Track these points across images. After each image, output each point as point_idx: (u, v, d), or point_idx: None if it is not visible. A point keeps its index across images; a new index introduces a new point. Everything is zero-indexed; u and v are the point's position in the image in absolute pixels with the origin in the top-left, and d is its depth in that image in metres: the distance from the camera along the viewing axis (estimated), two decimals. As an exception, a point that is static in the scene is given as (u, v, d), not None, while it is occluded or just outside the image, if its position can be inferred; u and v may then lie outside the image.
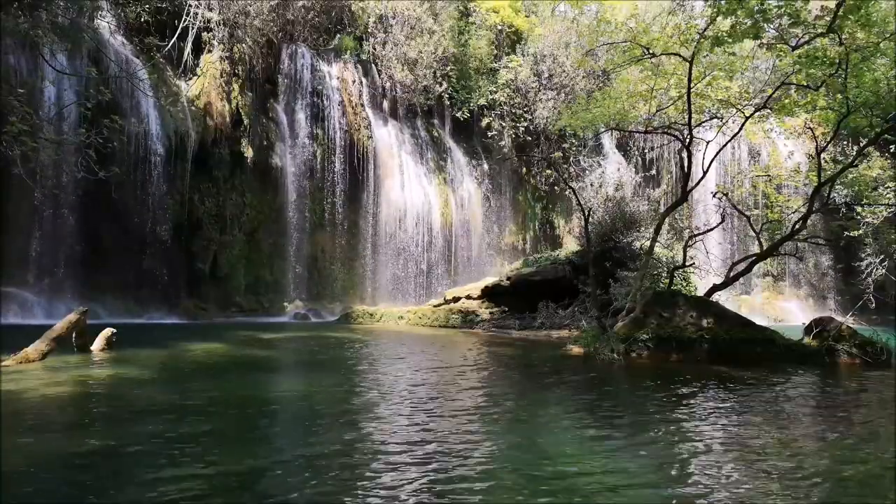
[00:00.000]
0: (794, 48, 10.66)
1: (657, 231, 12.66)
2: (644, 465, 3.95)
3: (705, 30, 10.72)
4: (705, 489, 3.53)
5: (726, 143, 13.09)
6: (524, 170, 26.80)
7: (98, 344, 8.81)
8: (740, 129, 12.77)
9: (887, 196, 16.02)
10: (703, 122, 12.91)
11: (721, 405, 6.13)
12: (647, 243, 13.35)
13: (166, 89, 18.05)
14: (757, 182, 23.84)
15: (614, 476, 3.73)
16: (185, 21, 18.52)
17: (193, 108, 18.54)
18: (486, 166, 25.89)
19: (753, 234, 13.36)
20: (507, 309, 16.58)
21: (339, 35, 22.93)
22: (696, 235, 13.79)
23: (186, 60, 18.96)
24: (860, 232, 17.61)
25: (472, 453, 4.11)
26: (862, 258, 20.11)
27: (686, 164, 12.62)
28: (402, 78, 23.41)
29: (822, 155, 12.03)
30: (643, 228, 16.70)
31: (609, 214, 17.41)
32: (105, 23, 17.24)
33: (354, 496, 3.31)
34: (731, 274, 12.13)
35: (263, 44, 20.58)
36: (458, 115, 24.90)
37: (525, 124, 25.63)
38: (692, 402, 6.29)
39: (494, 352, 10.79)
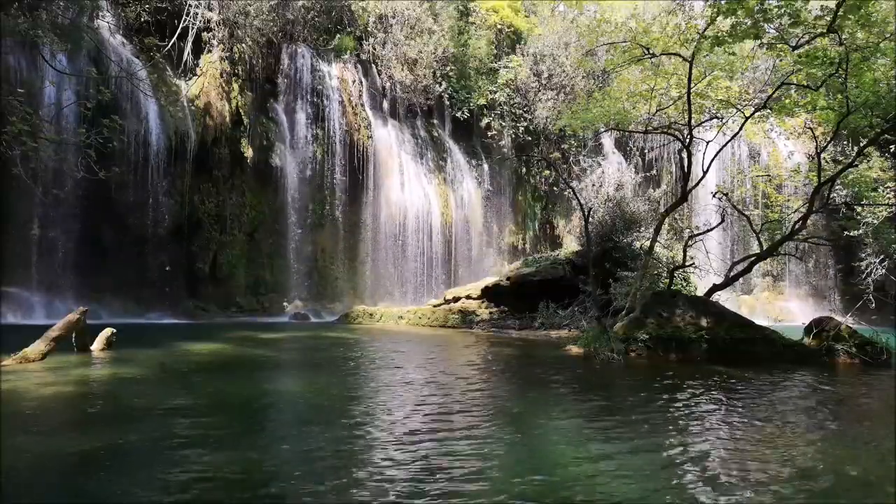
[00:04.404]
0: (794, 48, 10.67)
1: (657, 231, 12.66)
2: (643, 466, 3.96)
3: (705, 30, 10.72)
4: (704, 489, 3.54)
5: (726, 143, 13.08)
6: (524, 170, 26.80)
7: (98, 344, 8.81)
8: (740, 129, 12.76)
9: (887, 196, 16.02)
10: (703, 122, 12.91)
11: (720, 405, 6.13)
12: (647, 243, 13.35)
13: (166, 89, 18.06)
14: (757, 182, 23.85)
15: (613, 476, 3.73)
16: (185, 21, 18.52)
17: (193, 108, 18.54)
18: (485, 166, 25.89)
19: (753, 234, 13.36)
20: (506, 309, 16.56)
21: (339, 35, 22.92)
22: (696, 235, 13.79)
23: (186, 60, 18.95)
24: (860, 232, 17.59)
25: (472, 453, 4.11)
26: (862, 258, 20.10)
27: (686, 164, 12.61)
28: (402, 78, 23.41)
29: (822, 155, 12.02)
30: (643, 228, 16.69)
31: (609, 214, 17.40)
32: (105, 23, 17.25)
33: (353, 496, 3.31)
34: (731, 274, 12.13)
35: (263, 44, 20.58)
36: (458, 115, 24.89)
37: (525, 124, 25.63)
38: (691, 402, 6.29)
39: (494, 351, 10.79)
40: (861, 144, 11.62)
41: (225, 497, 3.30)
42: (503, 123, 25.54)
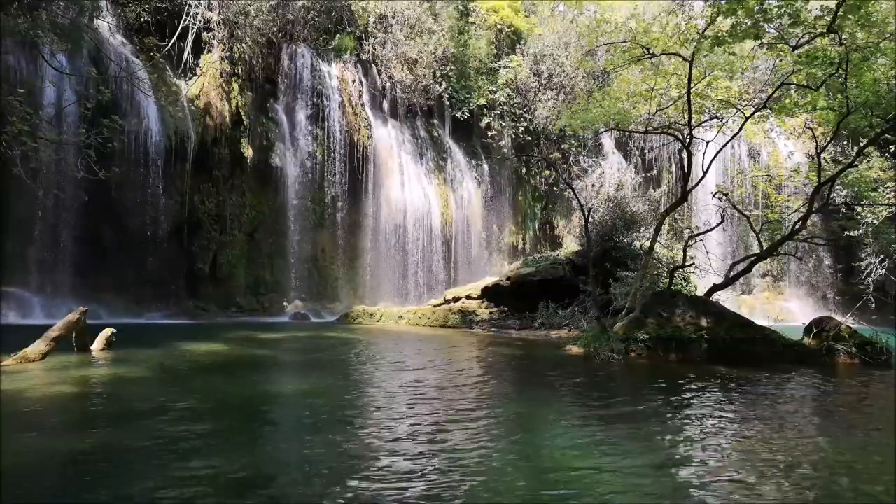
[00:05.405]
0: (794, 48, 10.67)
1: (657, 231, 12.66)
2: (643, 465, 3.95)
3: (705, 30, 10.72)
4: (704, 489, 3.53)
5: (726, 143, 13.08)
6: (524, 170, 26.80)
7: (98, 344, 8.81)
8: (740, 129, 12.76)
9: (887, 196, 16.01)
10: (703, 122, 12.90)
11: (720, 405, 6.13)
12: (647, 243, 13.35)
13: (166, 89, 18.05)
14: (757, 182, 23.84)
15: (614, 476, 3.73)
16: (185, 21, 18.52)
17: (193, 108, 18.54)
18: (485, 166, 25.88)
19: (753, 234, 13.35)
20: (506, 309, 16.57)
21: (339, 35, 22.92)
22: (696, 235, 13.79)
23: (186, 60, 18.95)
24: (860, 232, 17.58)
25: (472, 452, 4.10)
26: (862, 258, 20.10)
27: (686, 164, 12.61)
28: (402, 78, 23.41)
29: (822, 155, 12.02)
30: (643, 228, 16.70)
31: (609, 214, 17.41)
32: (105, 23, 17.24)
33: (353, 496, 3.30)
34: (731, 274, 12.13)
35: (263, 44, 20.58)
36: (458, 115, 24.88)
37: (525, 124, 25.62)
38: (691, 402, 6.29)
39: (494, 352, 10.78)
40: (861, 144, 11.61)
41: (222, 497, 3.29)
42: (503, 123, 25.54)
